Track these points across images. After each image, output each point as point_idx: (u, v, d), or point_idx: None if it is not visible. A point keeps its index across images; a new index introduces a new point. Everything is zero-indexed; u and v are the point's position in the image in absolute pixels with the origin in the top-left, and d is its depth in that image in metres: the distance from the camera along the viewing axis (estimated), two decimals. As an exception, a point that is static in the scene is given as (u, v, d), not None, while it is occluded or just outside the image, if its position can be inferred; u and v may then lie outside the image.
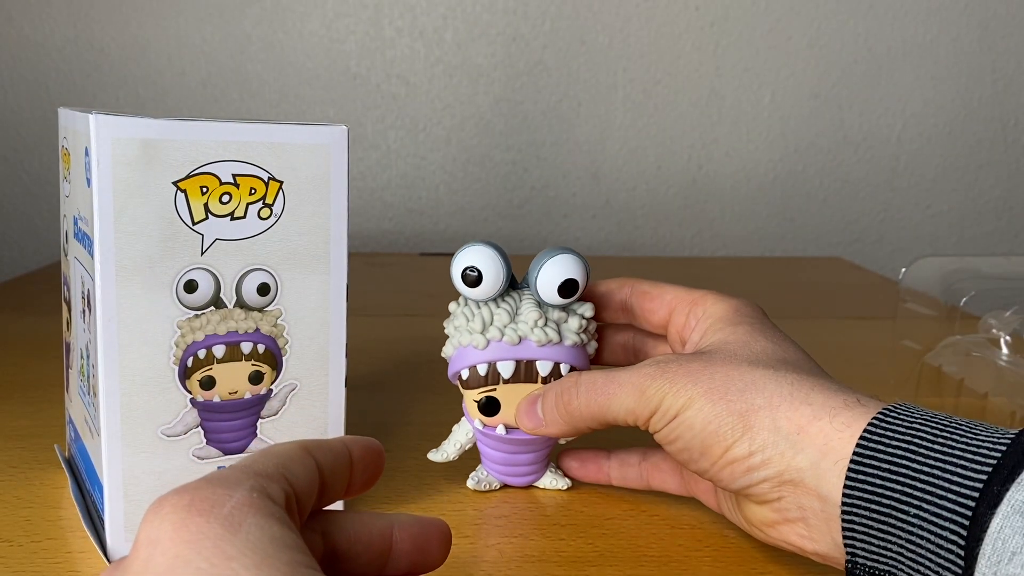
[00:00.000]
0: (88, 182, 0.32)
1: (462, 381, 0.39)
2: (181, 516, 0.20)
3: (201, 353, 0.34)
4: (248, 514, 0.20)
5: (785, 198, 1.09)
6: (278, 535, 0.20)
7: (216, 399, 0.34)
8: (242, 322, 0.34)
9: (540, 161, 1.05)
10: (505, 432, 0.38)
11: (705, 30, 1.04)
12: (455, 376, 0.39)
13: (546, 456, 0.40)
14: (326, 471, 0.24)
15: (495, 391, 0.38)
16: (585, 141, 1.05)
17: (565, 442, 0.41)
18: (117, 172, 0.31)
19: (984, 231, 1.12)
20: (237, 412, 0.35)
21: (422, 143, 1.04)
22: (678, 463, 0.37)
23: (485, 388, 0.38)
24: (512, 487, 0.41)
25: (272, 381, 0.35)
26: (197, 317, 0.33)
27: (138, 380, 0.33)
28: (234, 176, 0.33)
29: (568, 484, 0.41)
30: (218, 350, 0.34)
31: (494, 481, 0.40)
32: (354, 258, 0.37)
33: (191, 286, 0.33)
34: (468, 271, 0.37)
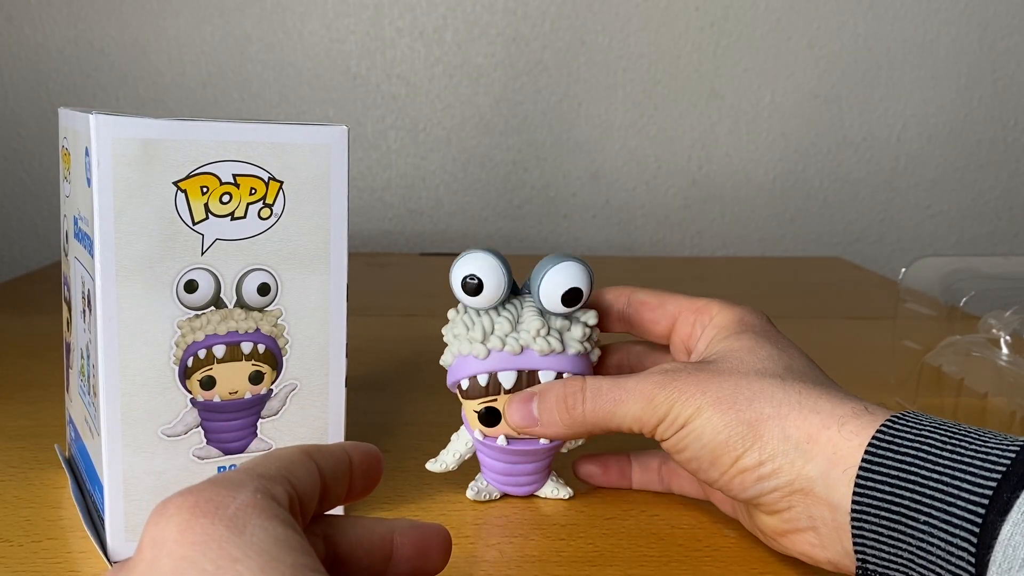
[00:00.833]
0: (88, 182, 0.32)
1: (462, 391, 0.38)
2: (186, 518, 0.20)
3: (201, 353, 0.34)
4: (252, 516, 0.20)
5: (785, 198, 1.09)
6: (282, 537, 0.20)
7: (216, 399, 0.34)
8: (242, 322, 0.34)
9: (540, 161, 1.05)
10: (506, 443, 0.38)
11: (705, 30, 1.04)
12: (454, 385, 0.38)
13: (547, 465, 0.39)
14: (327, 475, 0.24)
15: (496, 401, 0.37)
16: (585, 141, 1.05)
17: (567, 450, 0.40)
18: (117, 172, 0.31)
19: (984, 231, 1.12)
20: (237, 412, 0.35)
21: (422, 143, 1.04)
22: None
23: (486, 398, 0.37)
24: (515, 497, 0.40)
25: (272, 381, 0.35)
26: (197, 317, 0.33)
27: (138, 380, 0.33)
28: (234, 176, 0.33)
29: (570, 493, 0.40)
30: (218, 350, 0.34)
31: (494, 491, 0.39)
32: (354, 258, 0.37)
33: (191, 286, 0.33)
34: (468, 279, 0.36)
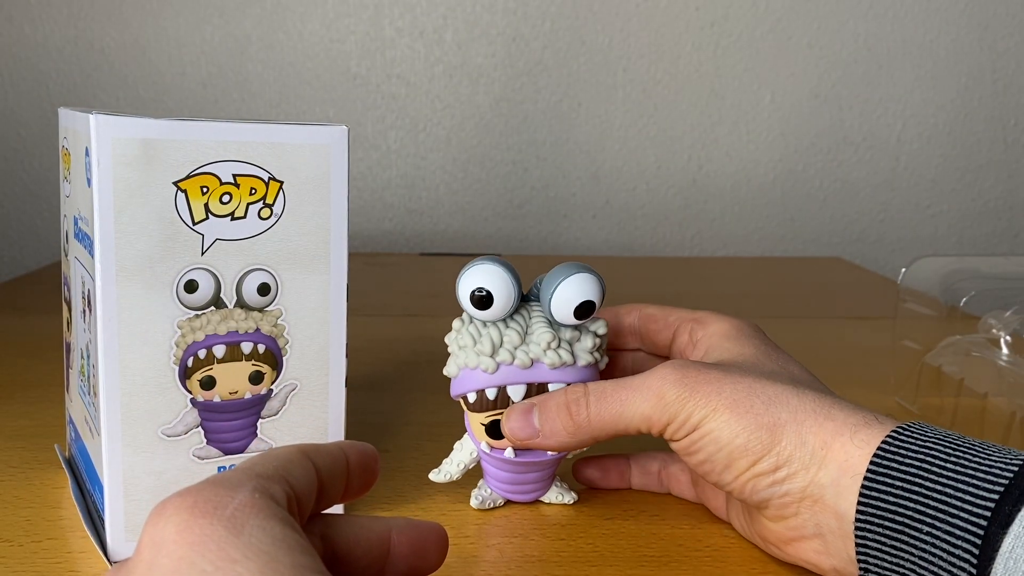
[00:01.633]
0: (88, 182, 0.32)
1: (468, 403, 0.37)
2: (184, 518, 0.20)
3: (201, 353, 0.34)
4: (251, 516, 0.20)
5: (785, 198, 1.09)
6: (281, 536, 0.20)
7: (216, 399, 0.34)
8: (242, 322, 0.34)
9: (540, 161, 1.05)
10: (514, 455, 0.37)
11: (705, 30, 1.04)
12: (459, 397, 0.37)
13: (552, 473, 0.39)
14: (324, 474, 0.24)
15: (503, 414, 0.36)
16: (585, 141, 1.05)
17: (573, 456, 0.40)
18: (117, 172, 0.31)
19: (984, 231, 1.12)
20: (237, 412, 0.35)
21: (422, 143, 1.04)
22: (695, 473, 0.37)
23: (493, 412, 0.36)
24: (519, 504, 0.39)
25: (272, 381, 0.35)
26: (197, 317, 0.33)
27: (138, 380, 0.33)
28: (234, 176, 0.33)
29: (574, 498, 0.39)
30: (218, 350, 0.34)
31: (498, 498, 0.39)
32: (354, 258, 0.37)
33: (191, 286, 0.33)
34: (477, 292, 0.35)
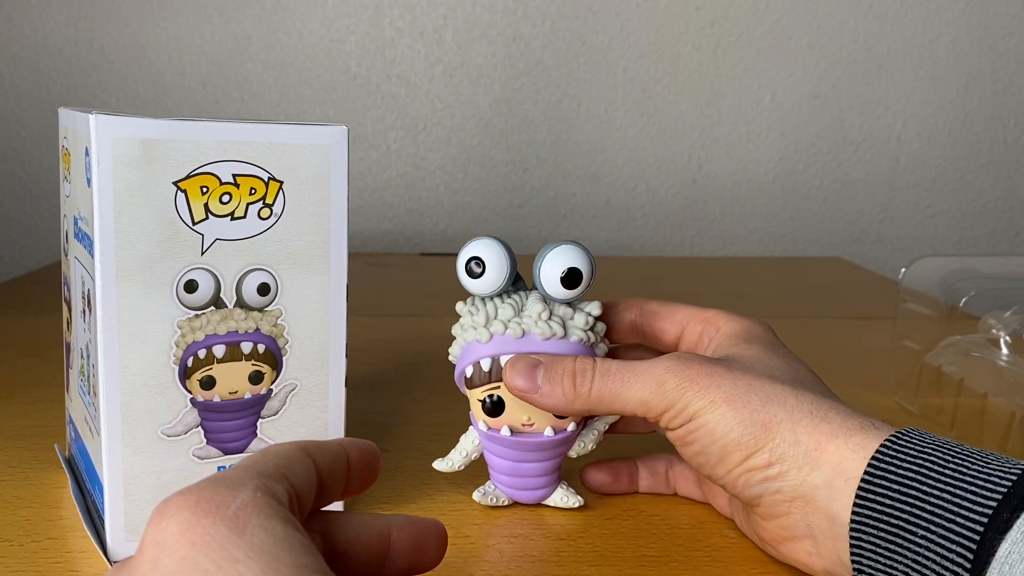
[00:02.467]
0: (88, 182, 0.32)
1: (467, 380, 0.38)
2: (187, 517, 0.20)
3: (201, 353, 0.34)
4: (253, 515, 0.20)
5: (785, 198, 1.09)
6: (283, 536, 0.20)
7: (216, 399, 0.34)
8: (242, 322, 0.34)
9: (540, 161, 1.05)
10: (510, 434, 0.38)
11: (705, 30, 1.04)
12: (460, 376, 0.38)
13: (555, 467, 0.39)
14: (324, 472, 0.24)
15: (499, 388, 0.37)
16: (585, 141, 1.05)
17: (576, 454, 0.40)
18: (117, 172, 0.31)
19: (984, 231, 1.12)
20: (237, 412, 0.35)
21: (422, 143, 1.04)
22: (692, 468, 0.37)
23: (489, 385, 0.37)
24: (522, 504, 0.39)
25: (272, 381, 0.35)
26: (197, 317, 0.33)
27: (138, 380, 0.33)
28: (234, 176, 0.33)
29: (581, 502, 0.39)
30: (218, 350, 0.34)
31: (502, 496, 0.39)
32: (354, 258, 0.37)
33: (191, 286, 0.33)
34: (472, 262, 0.37)
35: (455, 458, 0.39)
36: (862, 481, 0.29)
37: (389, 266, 0.93)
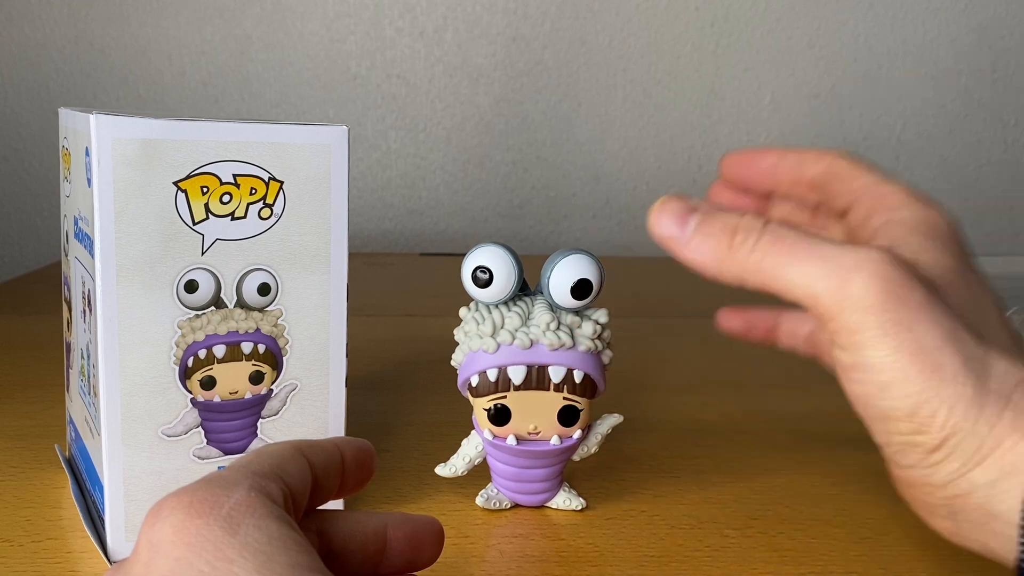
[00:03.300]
0: (89, 182, 0.32)
1: (472, 389, 0.37)
2: (181, 518, 0.20)
3: (202, 353, 0.34)
4: (247, 514, 0.20)
5: (785, 198, 1.09)
6: (276, 535, 0.20)
7: (216, 399, 0.34)
8: (243, 322, 0.34)
9: (540, 161, 1.05)
10: (516, 443, 0.37)
11: (705, 30, 1.04)
12: (464, 384, 0.38)
13: (559, 472, 0.39)
14: (319, 470, 0.24)
15: (506, 398, 0.37)
16: (585, 141, 1.05)
17: (579, 458, 0.40)
18: (118, 172, 0.31)
19: (984, 231, 1.12)
20: (237, 412, 0.35)
21: (422, 143, 1.04)
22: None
23: (495, 395, 0.37)
24: (524, 507, 0.39)
25: (272, 381, 0.35)
26: (198, 317, 0.33)
27: (139, 380, 0.33)
28: (234, 176, 0.33)
29: (583, 504, 0.39)
30: (219, 350, 0.34)
31: (504, 499, 0.39)
32: (354, 258, 0.37)
33: (192, 286, 0.33)
34: (479, 271, 0.36)
35: (458, 464, 0.39)
36: None
37: (389, 266, 0.93)
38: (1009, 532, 0.25)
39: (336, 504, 0.33)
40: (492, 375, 0.37)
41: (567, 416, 0.37)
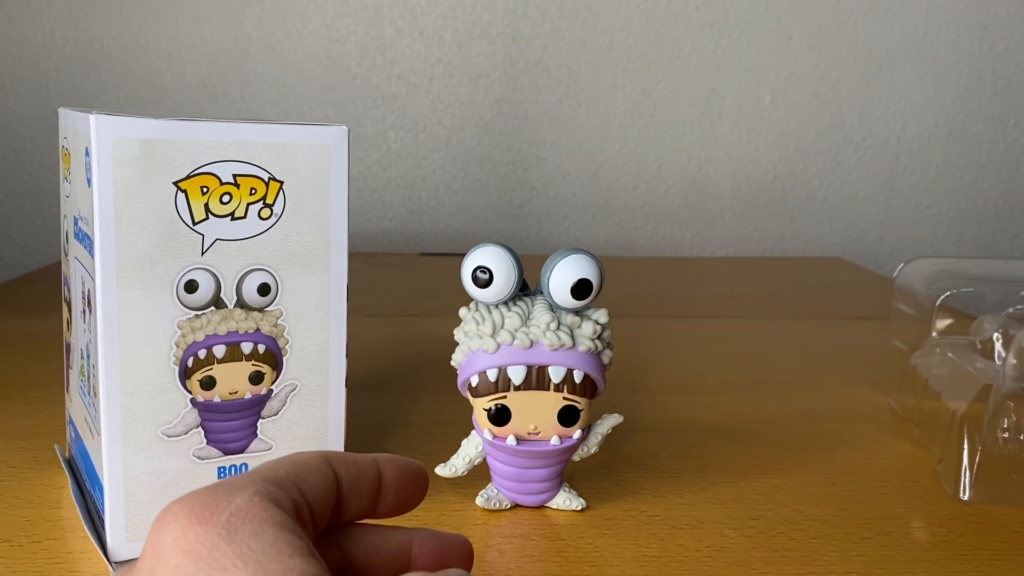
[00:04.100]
0: (88, 182, 0.32)
1: (472, 389, 0.37)
2: (181, 524, 0.20)
3: (201, 353, 0.34)
4: (245, 521, 0.20)
5: (785, 198, 1.09)
6: (272, 540, 0.19)
7: (216, 399, 0.34)
8: (242, 322, 0.34)
9: (540, 161, 1.05)
10: (516, 443, 0.37)
11: (705, 30, 1.04)
12: (464, 384, 0.38)
13: (559, 472, 0.39)
14: (346, 484, 0.23)
15: (506, 398, 0.37)
16: (585, 141, 1.05)
17: (579, 458, 0.40)
18: (117, 172, 0.31)
19: (984, 231, 1.12)
20: (237, 412, 0.35)
21: (422, 143, 1.04)
22: None
23: (495, 395, 0.37)
24: (524, 507, 0.39)
25: (272, 381, 0.35)
26: (197, 317, 0.33)
27: (138, 380, 0.33)
28: (234, 176, 0.33)
29: (583, 504, 0.39)
30: (218, 350, 0.34)
31: (504, 500, 0.39)
32: (354, 258, 0.37)
33: (191, 286, 0.33)
34: (479, 271, 0.36)
35: (458, 464, 0.39)
36: None
37: (389, 266, 0.93)
38: None
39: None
40: (492, 375, 0.37)
41: (567, 416, 0.37)
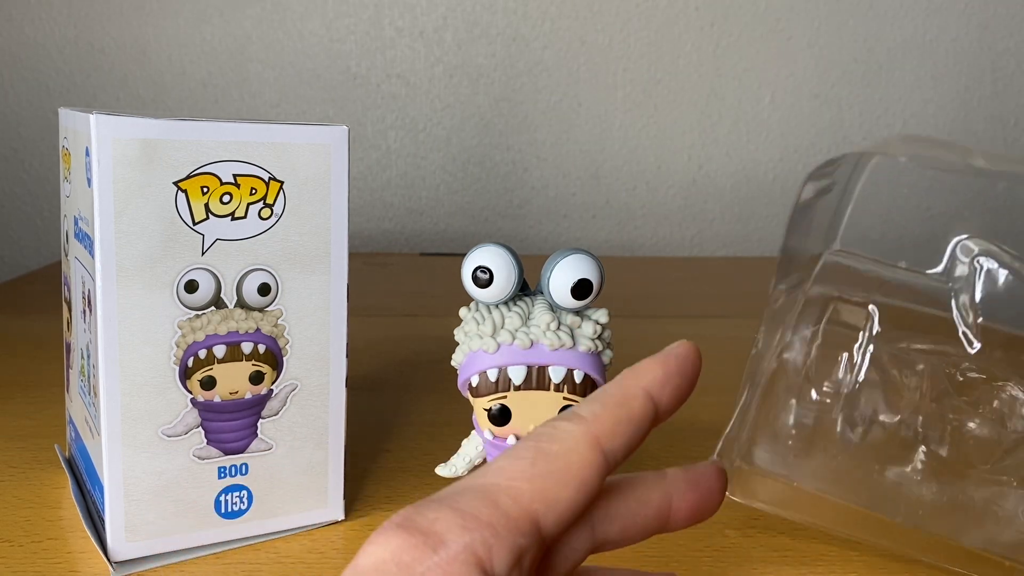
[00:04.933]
0: (89, 182, 0.32)
1: (472, 389, 0.37)
2: (383, 556, 0.17)
3: (202, 353, 0.34)
4: None
5: (785, 198, 1.09)
6: None
7: (217, 399, 0.34)
8: (243, 322, 0.34)
9: (540, 161, 1.05)
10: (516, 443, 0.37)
11: (705, 30, 1.04)
12: (465, 384, 0.38)
13: None
14: (617, 457, 0.20)
15: (506, 398, 0.37)
16: (585, 141, 1.05)
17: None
18: (118, 172, 0.31)
19: (984, 231, 1.12)
20: (238, 412, 0.35)
21: (422, 143, 1.04)
22: None
23: (495, 395, 0.37)
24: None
25: (273, 381, 0.35)
26: (198, 317, 0.33)
27: (139, 380, 0.33)
28: (235, 176, 0.33)
29: None
30: (219, 350, 0.34)
31: None
32: (354, 258, 0.37)
33: (192, 286, 0.33)
34: (479, 271, 0.36)
35: (458, 464, 0.39)
36: None
37: (389, 266, 0.93)
38: None
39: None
40: (492, 375, 0.37)
41: None
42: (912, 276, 0.30)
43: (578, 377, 0.37)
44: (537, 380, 0.36)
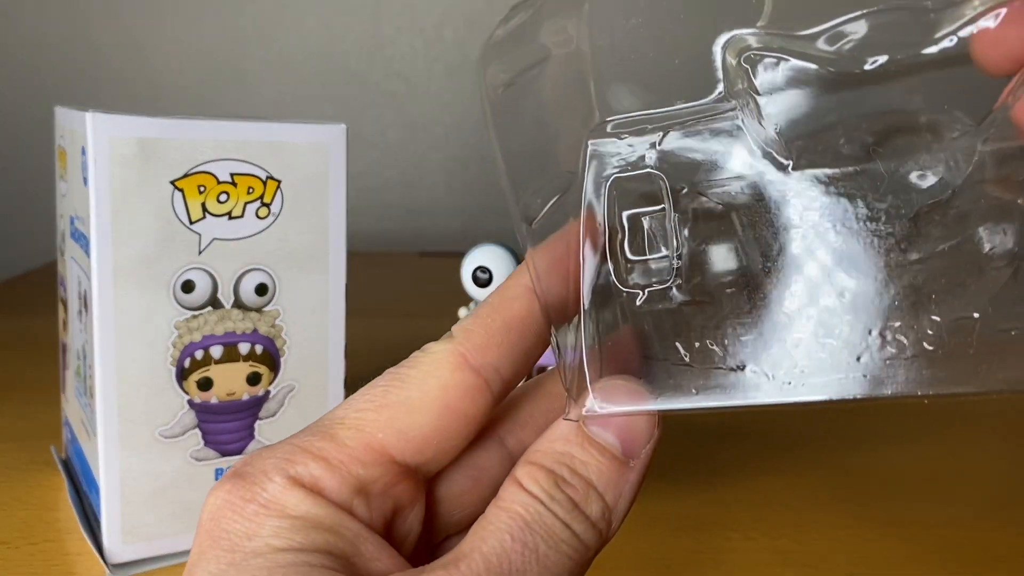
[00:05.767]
0: (85, 181, 0.31)
1: None
2: (216, 503, 0.18)
3: (198, 354, 0.33)
4: (251, 554, 0.17)
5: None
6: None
7: (214, 400, 0.34)
8: (240, 322, 0.34)
9: (539, 160, 1.05)
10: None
11: (705, 29, 1.04)
12: None
13: None
14: (503, 373, 0.18)
15: None
16: (584, 140, 1.05)
17: None
18: (114, 171, 0.31)
19: (984, 230, 1.12)
20: (235, 413, 0.35)
21: (421, 142, 1.04)
22: None
23: None
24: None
25: (270, 382, 0.35)
26: (195, 317, 0.33)
27: (135, 381, 0.32)
28: (232, 175, 0.33)
29: None
30: (216, 351, 0.34)
31: None
32: (353, 258, 0.37)
33: (188, 286, 0.33)
34: (479, 271, 0.36)
35: None
36: None
37: (388, 266, 0.93)
38: None
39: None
40: None
41: None
42: (695, 112, 0.22)
43: None
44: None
